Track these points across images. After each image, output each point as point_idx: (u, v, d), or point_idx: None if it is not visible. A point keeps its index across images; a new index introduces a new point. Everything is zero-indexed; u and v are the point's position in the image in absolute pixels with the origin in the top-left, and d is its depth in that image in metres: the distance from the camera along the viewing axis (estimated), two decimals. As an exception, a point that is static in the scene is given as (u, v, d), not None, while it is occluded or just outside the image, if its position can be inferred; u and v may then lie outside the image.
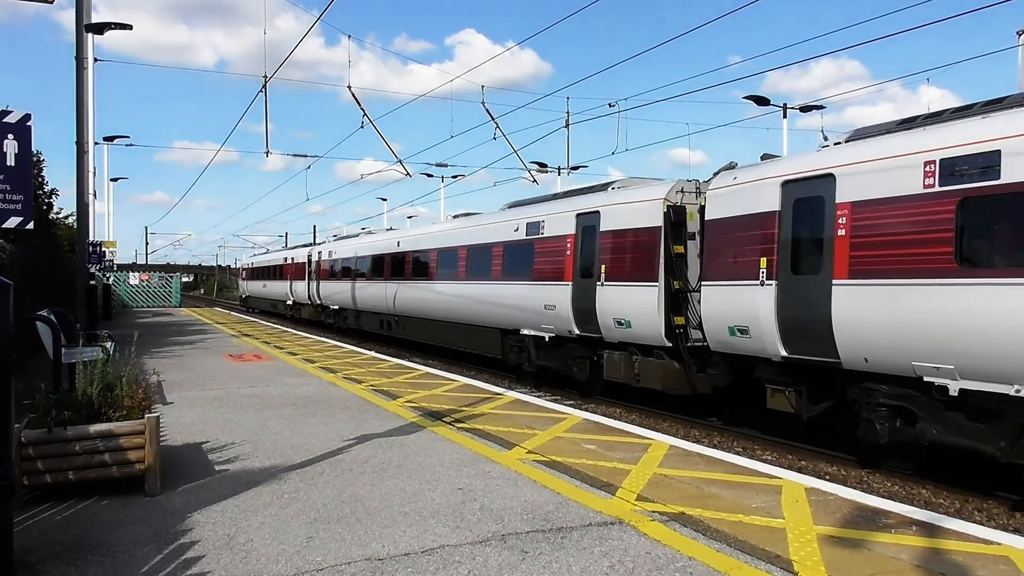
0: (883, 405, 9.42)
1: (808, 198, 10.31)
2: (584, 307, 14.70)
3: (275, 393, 12.17)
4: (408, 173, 29.19)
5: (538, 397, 13.33)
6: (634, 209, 13.68)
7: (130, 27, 20.11)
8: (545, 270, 16.06)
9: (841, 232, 9.65)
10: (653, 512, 5.91)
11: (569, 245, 15.25)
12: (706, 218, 12.29)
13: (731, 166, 12.42)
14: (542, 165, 35.46)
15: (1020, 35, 17.97)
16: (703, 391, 13.02)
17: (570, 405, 12.89)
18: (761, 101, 25.65)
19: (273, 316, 44.54)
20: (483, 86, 30.02)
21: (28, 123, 7.50)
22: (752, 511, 5.94)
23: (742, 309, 11.12)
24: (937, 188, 8.52)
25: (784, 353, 10.53)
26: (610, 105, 23.90)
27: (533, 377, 17.24)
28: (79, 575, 4.71)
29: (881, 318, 8.98)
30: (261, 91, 22.59)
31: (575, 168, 35.33)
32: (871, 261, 9.22)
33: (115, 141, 35.26)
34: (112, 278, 40.83)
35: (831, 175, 9.94)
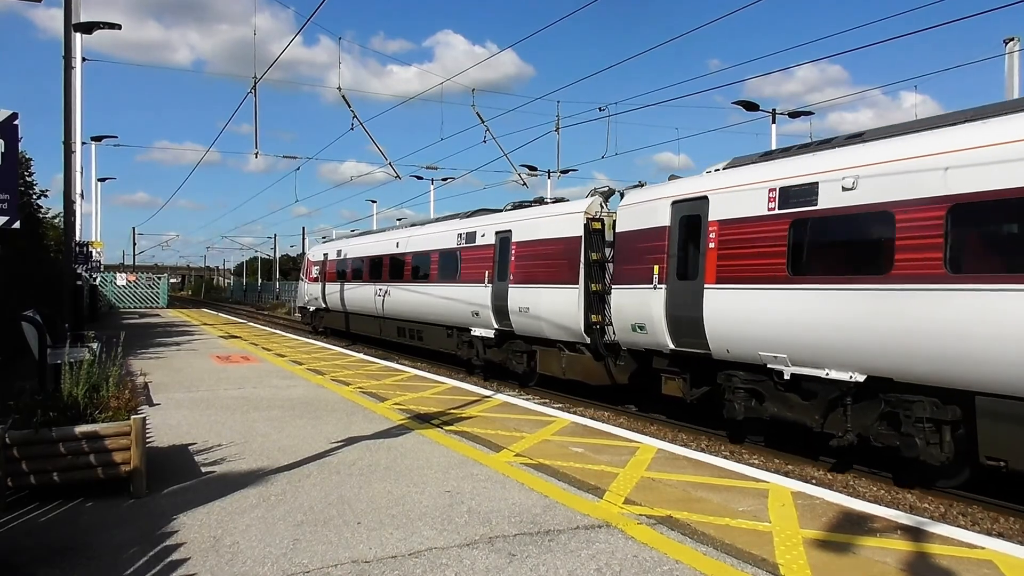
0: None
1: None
2: None
3: (263, 395, 12.12)
4: (398, 175, 29.20)
5: (527, 400, 13.34)
6: None
7: (119, 26, 20.05)
8: None
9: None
10: (640, 515, 5.92)
11: None
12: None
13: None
14: (532, 168, 35.56)
15: (1007, 43, 18.17)
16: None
17: (559, 408, 12.90)
18: (750, 106, 25.78)
19: (384, 348, 25.52)
20: (473, 90, 30.07)
21: (15, 122, 7.46)
22: (739, 515, 5.96)
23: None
24: None
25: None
26: (600, 109, 24.02)
27: None
28: (63, 577, 4.68)
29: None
30: (251, 92, 22.55)
31: (564, 172, 35.45)
32: None
33: (103, 141, 35.14)
34: (99, 279, 40.56)
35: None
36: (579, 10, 24.48)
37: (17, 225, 7.67)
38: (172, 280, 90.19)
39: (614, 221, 14.27)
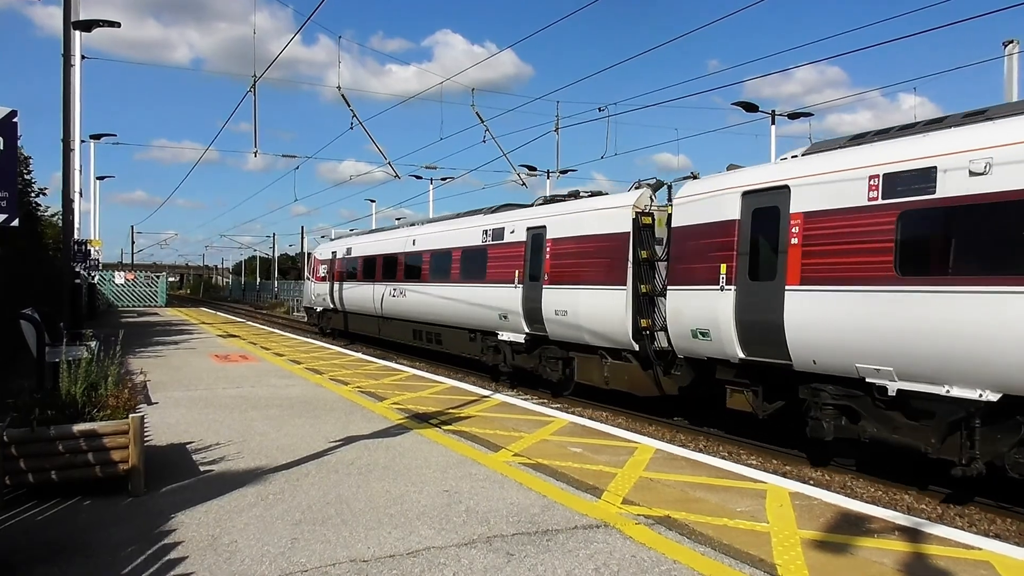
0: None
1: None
2: None
3: (261, 394, 12.11)
4: (397, 175, 29.23)
5: (525, 400, 13.35)
6: None
7: (118, 24, 20.05)
8: None
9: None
10: (638, 515, 5.93)
11: None
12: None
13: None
14: (531, 168, 35.61)
15: (1006, 46, 18.19)
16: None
17: (557, 408, 12.89)
18: (749, 107, 25.80)
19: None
20: (473, 90, 30.10)
21: (14, 119, 7.46)
22: (737, 515, 5.96)
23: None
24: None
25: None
26: (600, 109, 24.06)
27: None
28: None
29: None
30: (250, 91, 22.57)
31: (564, 172, 35.49)
32: None
33: (102, 139, 35.13)
34: (97, 277, 40.54)
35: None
36: (579, 10, 24.52)
37: (16, 223, 7.67)
38: (171, 279, 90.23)
39: (668, 215, 12.85)
